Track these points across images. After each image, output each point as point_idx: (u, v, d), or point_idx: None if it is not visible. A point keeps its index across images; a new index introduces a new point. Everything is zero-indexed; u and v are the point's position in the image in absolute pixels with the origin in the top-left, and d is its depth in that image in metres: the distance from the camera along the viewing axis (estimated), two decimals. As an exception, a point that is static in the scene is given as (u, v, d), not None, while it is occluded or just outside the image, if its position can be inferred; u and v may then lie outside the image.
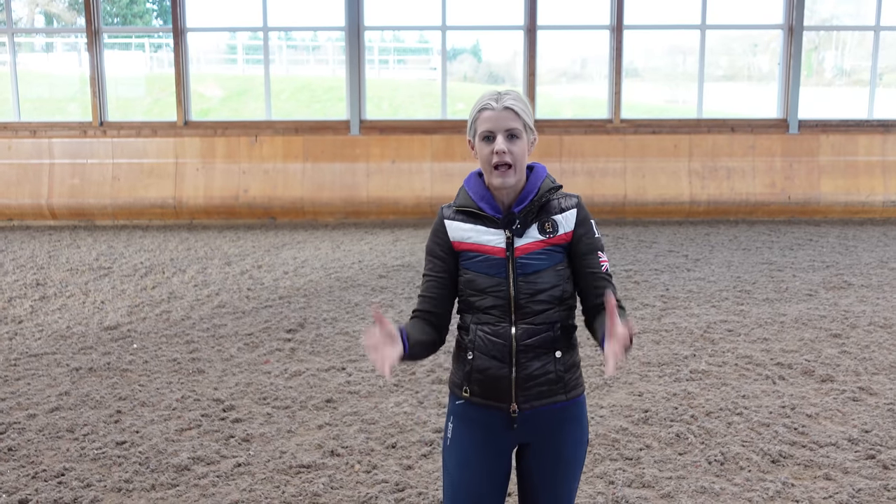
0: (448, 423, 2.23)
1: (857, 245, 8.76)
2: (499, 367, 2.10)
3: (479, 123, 2.10)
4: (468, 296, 2.13)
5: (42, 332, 5.82)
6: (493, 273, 2.10)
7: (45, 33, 12.65)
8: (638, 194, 10.42)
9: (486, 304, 2.10)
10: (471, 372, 2.13)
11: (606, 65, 10.89)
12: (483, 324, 2.11)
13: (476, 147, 2.13)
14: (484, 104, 2.10)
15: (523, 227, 2.11)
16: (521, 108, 2.10)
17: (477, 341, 2.12)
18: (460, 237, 2.15)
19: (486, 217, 2.12)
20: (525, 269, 2.09)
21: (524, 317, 2.09)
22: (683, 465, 3.69)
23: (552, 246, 2.11)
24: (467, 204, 2.15)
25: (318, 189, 10.39)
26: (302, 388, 4.66)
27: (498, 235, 2.11)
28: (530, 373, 2.10)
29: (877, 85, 11.00)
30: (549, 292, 2.09)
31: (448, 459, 2.22)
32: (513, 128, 2.08)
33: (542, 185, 2.14)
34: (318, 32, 13.44)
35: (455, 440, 2.19)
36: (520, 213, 2.11)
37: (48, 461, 3.79)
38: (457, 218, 2.16)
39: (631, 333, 1.90)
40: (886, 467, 3.65)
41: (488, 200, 2.13)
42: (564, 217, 2.13)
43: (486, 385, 2.12)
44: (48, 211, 10.40)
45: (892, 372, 4.88)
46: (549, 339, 2.10)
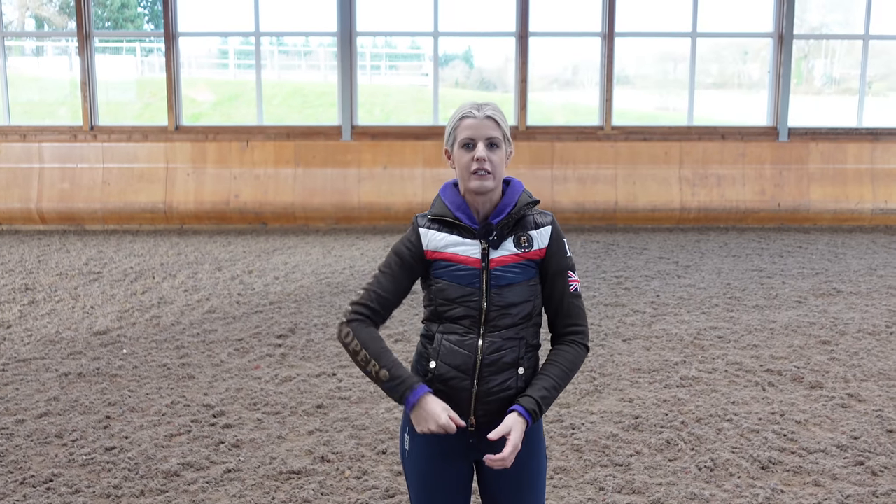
0: (404, 435, 2.22)
1: (846, 252, 8.81)
2: (461, 378, 2.10)
3: (460, 131, 2.11)
4: (438, 305, 2.12)
5: (31, 336, 5.78)
6: (467, 283, 2.10)
7: (36, 37, 12.61)
8: (629, 201, 10.45)
9: (457, 314, 2.10)
10: (432, 381, 2.13)
11: (598, 72, 10.93)
12: (450, 333, 2.11)
13: (454, 155, 2.14)
14: (465, 112, 2.12)
15: (500, 240, 2.11)
16: (500, 119, 2.12)
17: (442, 350, 2.12)
18: (435, 246, 2.14)
19: (463, 227, 2.12)
20: (499, 282, 2.09)
21: (493, 330, 2.10)
22: (673, 472, 3.70)
23: (526, 261, 2.13)
24: (443, 213, 2.14)
25: (309, 194, 10.38)
26: (292, 394, 4.65)
27: (474, 246, 2.11)
28: (491, 387, 2.10)
29: (866, 93, 11.08)
30: (520, 306, 2.11)
31: (409, 473, 2.23)
32: (493, 136, 2.09)
33: (520, 199, 2.15)
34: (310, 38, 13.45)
35: (413, 454, 2.20)
36: (497, 224, 2.11)
37: (36, 467, 3.77)
38: (432, 227, 2.15)
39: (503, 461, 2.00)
40: (875, 474, 3.67)
41: (464, 210, 2.13)
42: (539, 233, 2.14)
43: (445, 396, 2.11)
44: (37, 215, 10.35)
45: (880, 379, 4.90)
46: (514, 355, 2.11)
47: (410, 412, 2.05)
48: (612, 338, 5.71)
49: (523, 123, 10.66)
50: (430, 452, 2.17)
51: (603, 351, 5.42)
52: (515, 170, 10.28)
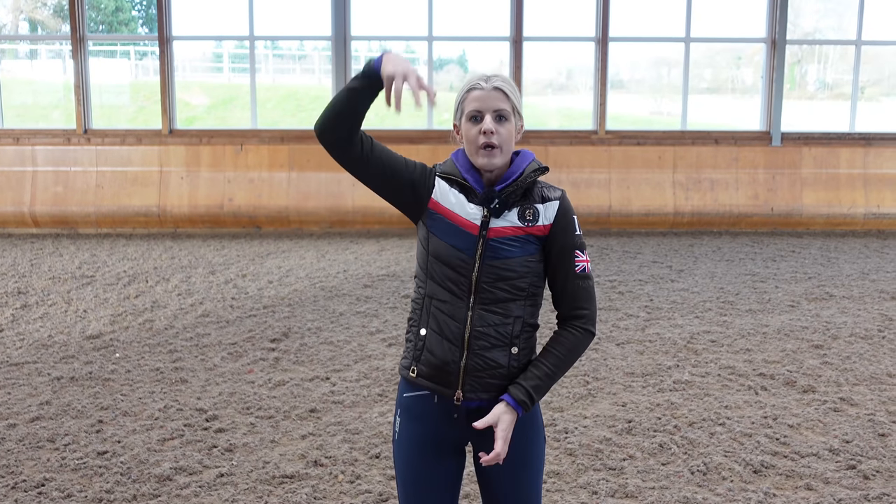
0: (396, 417, 2.16)
1: (839, 257, 8.84)
2: (450, 349, 2.03)
3: (467, 103, 2.05)
4: (431, 262, 2.05)
5: (23, 340, 5.77)
6: (462, 248, 2.03)
7: (30, 40, 12.58)
8: (622, 205, 10.47)
9: (447, 277, 2.03)
10: (422, 350, 2.07)
11: (592, 76, 10.96)
12: (439, 300, 2.05)
13: (462, 128, 2.07)
14: (473, 84, 2.05)
15: (502, 208, 2.04)
16: (510, 90, 2.05)
17: (431, 319, 2.05)
18: (442, 198, 2.08)
19: (470, 190, 2.06)
20: (495, 253, 2.02)
21: (483, 302, 2.02)
22: (666, 476, 3.71)
23: (528, 235, 2.04)
24: (453, 172, 2.09)
25: (303, 198, 10.37)
26: (286, 398, 4.65)
27: (476, 211, 2.04)
28: (480, 362, 2.03)
29: (858, 98, 11.13)
30: (513, 281, 2.02)
31: (396, 456, 2.17)
32: (501, 108, 2.03)
33: (528, 167, 2.07)
34: (304, 42, 13.45)
35: (402, 436, 2.14)
36: (501, 192, 2.04)
37: (28, 471, 3.75)
38: (444, 180, 2.10)
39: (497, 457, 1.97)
40: (867, 477, 3.68)
41: (473, 175, 2.07)
42: (545, 207, 2.06)
43: (434, 366, 2.05)
44: (31, 219, 10.32)
45: (872, 383, 4.92)
46: (507, 331, 2.03)
47: (382, 67, 1.93)
48: (606, 342, 5.71)
49: (517, 128, 10.65)
50: (418, 433, 2.11)
51: (596, 355, 5.42)
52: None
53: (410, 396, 2.12)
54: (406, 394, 2.14)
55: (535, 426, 2.15)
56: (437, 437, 2.11)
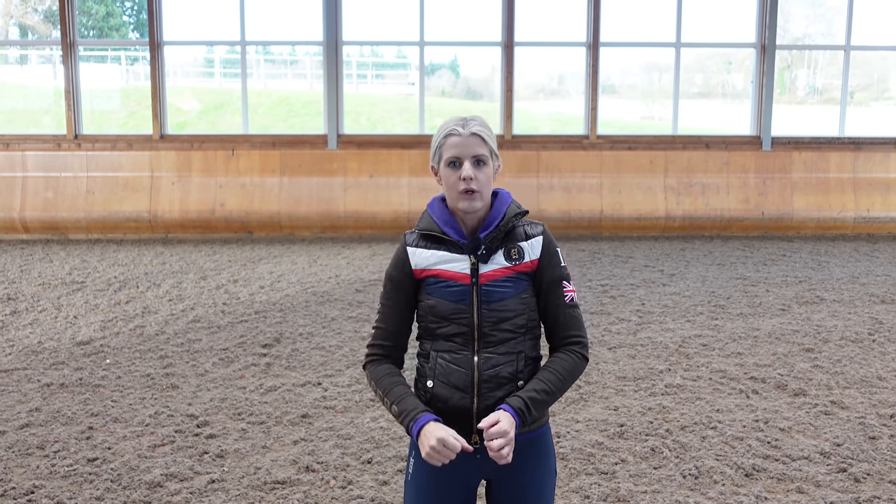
0: (410, 458, 2.18)
1: (829, 260, 8.88)
2: (460, 396, 2.05)
3: (445, 149, 2.07)
4: (429, 322, 2.09)
5: (13, 347, 5.73)
6: (457, 300, 2.06)
7: (20, 45, 12.54)
8: (614, 210, 10.49)
9: (449, 332, 2.07)
10: (431, 401, 2.09)
11: (583, 81, 10.99)
12: (444, 351, 2.07)
13: (441, 173, 2.09)
14: (450, 130, 2.07)
15: (489, 253, 2.07)
16: (487, 135, 2.08)
17: (438, 369, 2.08)
18: (424, 264, 2.10)
19: (451, 242, 2.08)
20: (490, 297, 2.05)
21: (487, 346, 2.05)
22: (658, 479, 3.71)
23: (517, 273, 2.08)
24: (431, 228, 2.10)
25: (295, 203, 10.36)
26: (277, 404, 4.63)
27: (463, 261, 2.07)
28: (492, 403, 2.05)
29: (847, 103, 11.19)
30: (513, 321, 2.06)
31: (409, 495, 2.18)
32: (480, 154, 2.05)
33: (508, 211, 2.11)
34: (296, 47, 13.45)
35: (415, 475, 2.15)
36: (486, 238, 2.07)
37: (18, 478, 3.73)
38: (420, 244, 2.11)
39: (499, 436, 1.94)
40: (858, 480, 3.69)
41: (453, 225, 2.09)
42: (530, 244, 2.10)
43: (446, 415, 2.06)
44: (20, 224, 10.27)
45: (863, 386, 4.94)
46: (512, 368, 2.06)
47: (417, 440, 2.00)
48: (598, 346, 5.72)
49: (509, 132, 10.69)
50: (431, 474, 2.12)
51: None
52: (501, 179, 10.30)
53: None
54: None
55: (548, 460, 2.17)
56: (451, 478, 2.12)
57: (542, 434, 2.15)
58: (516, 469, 2.10)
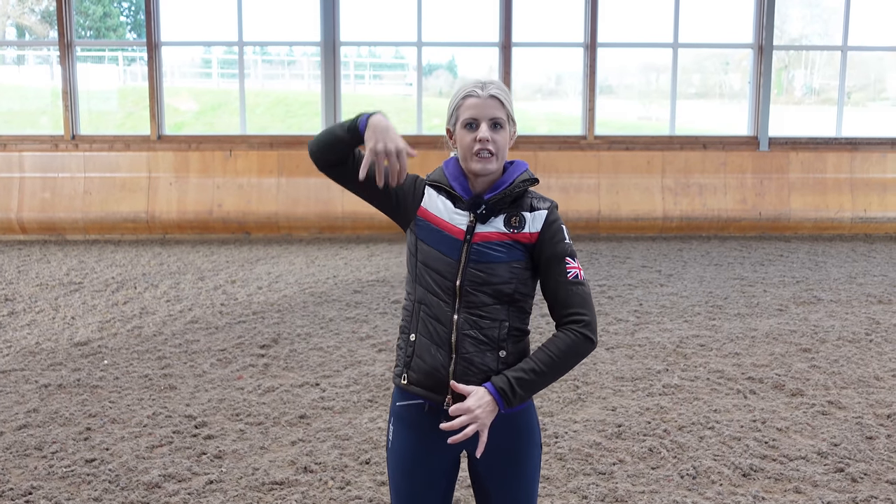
0: (389, 425, 2.18)
1: (827, 261, 8.89)
2: (438, 353, 2.05)
3: (463, 111, 2.07)
4: (423, 267, 2.08)
5: (10, 348, 5.73)
6: (446, 252, 2.06)
7: (17, 46, 12.53)
8: (612, 210, 10.50)
9: (434, 281, 2.06)
10: (412, 356, 2.09)
11: (580, 82, 11.00)
12: (427, 304, 2.07)
13: (456, 135, 2.09)
14: (468, 91, 2.06)
15: (489, 214, 2.07)
16: (505, 98, 2.07)
17: (419, 323, 2.08)
18: (430, 206, 2.12)
19: (457, 197, 2.10)
20: (479, 257, 2.04)
21: (469, 306, 2.04)
22: (656, 480, 3.71)
23: (514, 241, 2.06)
24: (440, 180, 2.13)
25: (292, 204, 10.36)
26: (275, 404, 4.63)
27: (462, 217, 2.08)
28: (468, 366, 2.03)
29: (845, 103, 11.21)
30: (497, 286, 2.03)
31: (390, 464, 2.17)
32: (497, 117, 2.05)
33: (518, 178, 2.10)
34: (293, 47, 13.44)
35: (395, 444, 2.15)
36: (489, 199, 2.07)
37: (15, 480, 3.73)
38: (432, 188, 2.15)
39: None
40: (855, 480, 3.70)
41: (462, 183, 2.10)
42: (533, 216, 2.08)
43: (424, 372, 2.06)
44: (18, 225, 10.26)
45: (860, 386, 4.95)
46: (494, 335, 2.04)
47: (365, 131, 1.99)
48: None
49: (507, 133, 10.68)
50: (411, 442, 2.12)
51: (586, 359, 5.43)
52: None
53: (403, 405, 2.13)
54: (399, 402, 2.15)
55: (530, 433, 2.15)
56: (430, 446, 2.12)
57: (523, 410, 2.12)
58: (496, 443, 2.08)
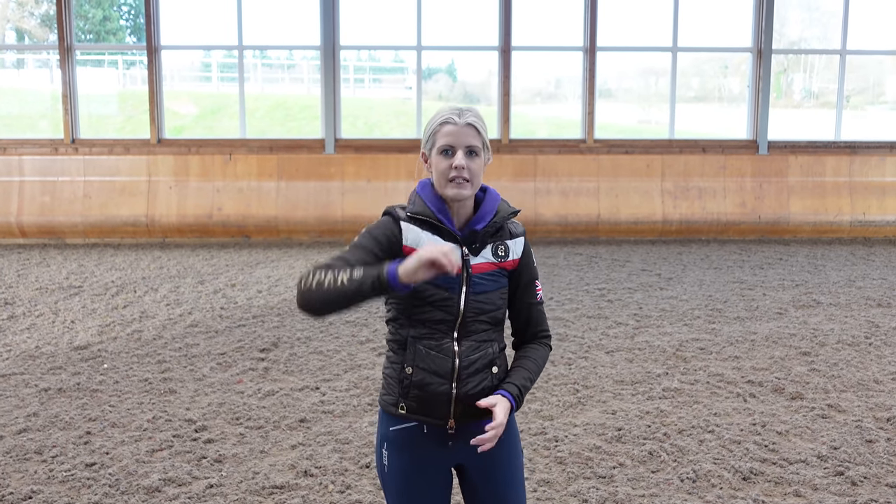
0: (382, 451, 2.19)
1: (826, 264, 8.90)
2: (440, 383, 2.10)
3: (439, 137, 2.09)
4: (412, 306, 2.09)
5: (10, 352, 5.73)
6: (447, 287, 2.09)
7: (17, 49, 12.54)
8: (611, 213, 10.51)
9: (433, 318, 2.09)
10: (409, 388, 2.12)
11: (580, 85, 11.02)
12: (424, 338, 2.10)
13: (432, 160, 2.12)
14: (445, 118, 2.09)
15: (481, 247, 2.13)
16: (481, 127, 2.12)
17: (418, 356, 2.10)
18: (415, 243, 2.09)
19: (445, 231, 2.10)
20: (476, 289, 2.12)
21: (468, 335, 2.12)
22: (656, 483, 3.72)
23: (500, 269, 2.16)
24: (426, 213, 2.10)
25: (292, 207, 10.36)
26: (275, 408, 4.63)
27: (455, 251, 2.05)
28: (468, 390, 2.12)
29: (843, 107, 11.23)
30: (492, 313, 2.15)
31: (389, 487, 2.20)
32: (473, 145, 2.09)
33: (500, 208, 2.16)
34: (293, 51, 13.46)
35: (392, 468, 2.18)
36: (481, 231, 2.12)
37: (15, 484, 3.73)
38: (412, 223, 2.11)
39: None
40: (854, 483, 3.70)
41: (446, 214, 2.11)
42: (514, 244, 2.19)
43: (423, 401, 2.11)
44: (17, 229, 10.26)
45: (859, 389, 4.95)
46: (489, 357, 2.15)
47: (399, 278, 1.90)
48: (595, 350, 5.73)
49: (506, 136, 10.71)
50: (410, 463, 2.16)
51: (586, 363, 5.43)
52: (498, 182, 10.32)
53: (398, 430, 2.16)
54: (392, 427, 2.17)
55: (514, 442, 2.25)
56: (428, 464, 2.18)
57: (511, 418, 2.22)
58: (487, 452, 2.15)
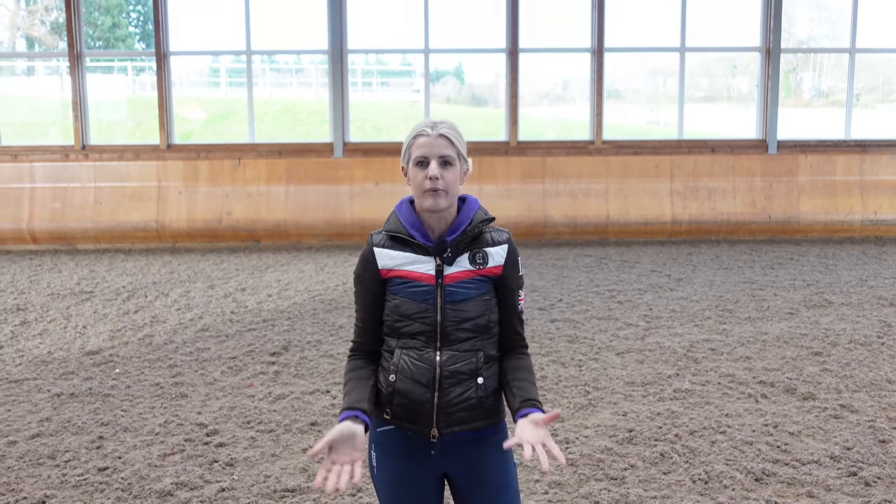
0: (371, 452, 2.25)
1: (837, 264, 8.85)
2: (422, 391, 2.13)
3: (414, 149, 2.13)
4: (394, 321, 2.15)
5: (23, 357, 5.76)
6: (421, 300, 2.13)
7: (27, 57, 12.62)
8: (620, 215, 10.49)
9: (413, 330, 2.13)
10: (392, 395, 2.16)
11: (588, 87, 11.00)
12: (408, 349, 2.14)
13: (409, 173, 2.16)
14: (419, 131, 2.14)
15: (454, 256, 2.14)
16: (455, 137, 2.14)
17: (401, 365, 2.14)
18: (389, 265, 2.16)
19: (417, 244, 2.15)
20: (453, 297, 2.13)
21: (449, 343, 2.13)
22: (668, 485, 3.70)
23: (481, 276, 2.16)
24: (398, 230, 2.17)
25: (301, 211, 10.39)
26: (286, 412, 4.64)
27: (428, 263, 2.14)
28: (451, 399, 2.13)
29: (853, 106, 11.17)
30: (474, 321, 2.14)
31: (378, 488, 2.26)
32: (446, 154, 2.12)
33: (475, 217, 2.18)
34: (301, 55, 13.50)
35: (381, 469, 2.23)
36: (452, 242, 2.14)
37: (29, 489, 3.75)
38: (386, 245, 2.18)
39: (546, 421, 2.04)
40: (868, 484, 3.68)
41: (418, 228, 2.16)
42: (496, 251, 2.18)
43: (407, 409, 2.15)
44: (29, 235, 10.32)
45: (872, 389, 4.92)
46: (473, 366, 2.14)
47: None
48: (606, 351, 5.72)
49: (514, 138, 10.70)
50: (395, 466, 2.20)
51: (597, 365, 5.42)
52: (507, 184, 10.32)
53: (384, 431, 2.22)
54: (379, 428, 2.23)
55: (504, 452, 2.23)
56: (414, 469, 2.21)
57: (499, 427, 2.23)
58: (476, 461, 2.18)
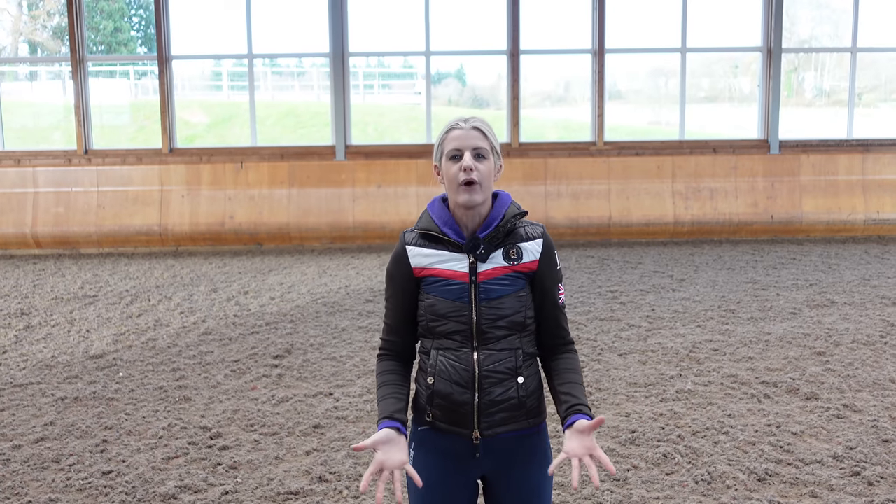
0: (410, 450, 2.20)
1: (840, 263, 8.85)
2: (461, 392, 2.09)
3: (447, 143, 2.11)
4: (429, 321, 2.12)
5: (27, 361, 5.78)
6: (456, 298, 2.09)
7: (30, 62, 12.66)
8: (622, 215, 10.49)
9: (448, 330, 2.10)
10: (432, 396, 2.12)
11: (589, 88, 11.01)
12: (445, 349, 2.11)
13: (443, 168, 2.13)
14: (452, 125, 2.13)
15: (487, 253, 2.10)
16: (487, 131, 2.13)
17: (438, 366, 2.11)
18: (422, 263, 2.13)
19: (450, 242, 2.11)
20: (488, 295, 2.09)
21: (486, 342, 2.09)
22: (671, 486, 3.71)
23: (516, 272, 2.12)
24: (430, 227, 2.13)
25: (304, 214, 10.41)
26: (289, 415, 4.65)
27: (461, 261, 2.10)
28: (493, 398, 2.09)
29: (855, 105, 11.17)
30: (511, 318, 2.09)
31: (411, 488, 2.20)
32: (480, 147, 2.09)
33: (508, 211, 2.14)
34: (303, 59, 13.52)
35: (417, 468, 2.17)
36: (485, 238, 2.10)
37: (33, 492, 3.76)
38: (419, 243, 2.14)
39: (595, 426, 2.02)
40: (871, 484, 3.68)
41: (451, 226, 2.12)
42: (530, 246, 2.13)
43: (447, 410, 2.11)
44: (32, 240, 10.35)
45: (875, 389, 4.92)
46: (512, 364, 2.10)
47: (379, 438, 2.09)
48: (608, 352, 5.72)
49: (516, 140, 10.71)
50: (435, 466, 2.16)
51: (599, 366, 5.43)
52: (509, 186, 10.32)
53: (424, 430, 2.18)
54: (421, 427, 2.19)
55: (545, 456, 2.20)
56: (454, 471, 2.16)
57: (541, 429, 2.19)
58: (517, 464, 2.14)
